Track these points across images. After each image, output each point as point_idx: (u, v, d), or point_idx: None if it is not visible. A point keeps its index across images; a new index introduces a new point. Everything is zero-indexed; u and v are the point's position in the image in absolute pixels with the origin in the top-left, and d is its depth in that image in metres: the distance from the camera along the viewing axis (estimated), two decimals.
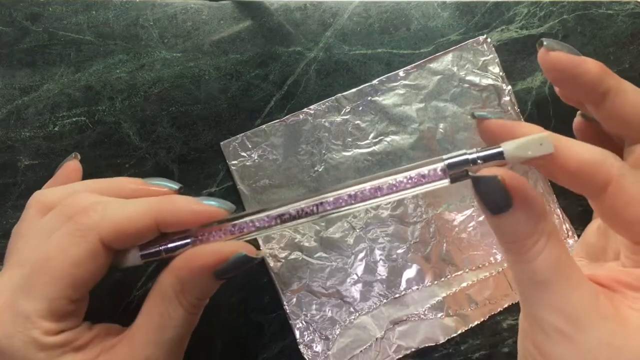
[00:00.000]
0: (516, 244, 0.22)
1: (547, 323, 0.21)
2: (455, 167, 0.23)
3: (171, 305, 0.24)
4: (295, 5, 0.37)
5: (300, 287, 0.34)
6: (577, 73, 0.24)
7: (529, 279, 0.22)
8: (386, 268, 0.35)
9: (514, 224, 0.22)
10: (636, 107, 0.25)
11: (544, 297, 0.21)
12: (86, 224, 0.24)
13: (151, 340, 0.24)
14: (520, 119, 0.36)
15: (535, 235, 0.21)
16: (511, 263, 0.23)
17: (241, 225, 0.25)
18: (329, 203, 0.24)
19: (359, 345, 0.34)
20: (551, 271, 0.21)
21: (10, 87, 0.36)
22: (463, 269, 0.35)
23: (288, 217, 0.25)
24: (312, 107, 0.36)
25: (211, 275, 0.24)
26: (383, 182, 0.24)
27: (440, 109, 0.36)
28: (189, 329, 0.26)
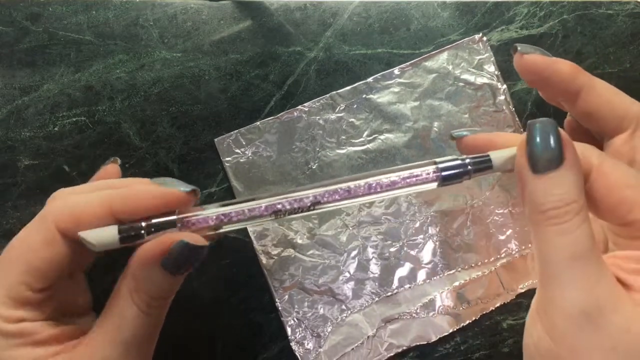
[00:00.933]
0: (561, 209, 0.21)
1: (574, 304, 0.20)
2: (446, 170, 0.24)
3: (125, 304, 0.23)
4: (295, 5, 0.37)
5: (293, 284, 0.34)
6: (550, 73, 0.26)
7: (566, 254, 0.20)
8: (379, 266, 0.35)
9: (563, 184, 0.21)
10: (608, 103, 0.26)
11: (576, 275, 0.20)
12: (45, 210, 0.24)
13: (108, 341, 0.23)
14: (515, 117, 0.36)
15: (580, 202, 0.21)
16: (546, 236, 0.21)
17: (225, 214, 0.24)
18: (322, 196, 0.24)
19: (350, 343, 0.34)
20: (590, 246, 0.20)
21: (10, 87, 0.36)
22: (455, 268, 0.35)
23: (281, 209, 0.24)
24: (307, 105, 0.36)
25: (160, 269, 0.23)
26: (377, 179, 0.24)
27: (435, 107, 0.36)
28: (148, 329, 0.24)
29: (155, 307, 0.24)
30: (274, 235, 0.35)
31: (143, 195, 0.24)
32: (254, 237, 0.35)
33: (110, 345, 0.23)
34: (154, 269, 0.23)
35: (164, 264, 0.23)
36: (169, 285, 0.24)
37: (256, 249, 0.35)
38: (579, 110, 0.27)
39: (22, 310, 0.23)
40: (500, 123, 0.36)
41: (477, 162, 0.24)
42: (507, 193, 0.35)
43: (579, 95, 0.26)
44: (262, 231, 0.35)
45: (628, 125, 0.26)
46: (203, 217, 0.24)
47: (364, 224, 0.35)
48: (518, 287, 0.35)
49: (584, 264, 0.20)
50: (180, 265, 0.23)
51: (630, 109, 0.26)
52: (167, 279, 0.23)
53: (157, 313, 0.24)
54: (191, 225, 0.24)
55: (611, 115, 0.26)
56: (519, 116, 0.36)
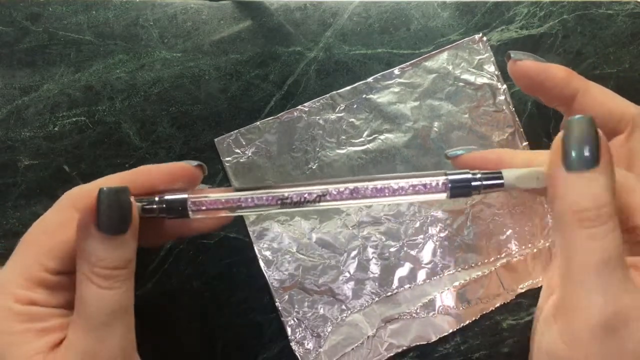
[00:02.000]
0: (594, 211, 0.20)
1: (596, 312, 0.20)
2: (456, 183, 0.24)
3: (83, 286, 0.23)
4: (295, 5, 0.37)
5: (293, 284, 0.34)
6: (544, 78, 0.26)
7: (595, 259, 0.20)
8: (379, 266, 0.35)
9: (599, 184, 0.20)
10: (603, 106, 0.26)
11: (602, 282, 0.20)
12: (64, 195, 0.25)
13: (80, 331, 0.23)
14: (515, 117, 0.36)
15: (613, 206, 0.20)
16: (576, 239, 0.20)
17: (237, 198, 0.25)
18: (331, 194, 0.25)
19: (350, 343, 0.34)
20: (619, 254, 0.20)
21: (10, 87, 0.36)
22: (455, 268, 0.35)
23: (289, 202, 0.25)
24: (307, 105, 0.36)
25: (99, 234, 0.22)
26: (385, 184, 0.25)
27: (435, 107, 0.36)
28: (115, 305, 0.23)
29: (114, 280, 0.23)
30: (273, 235, 0.35)
31: (153, 169, 0.26)
32: (253, 236, 0.35)
33: (84, 335, 0.22)
34: (94, 236, 0.22)
35: (99, 226, 0.22)
36: (117, 251, 0.23)
37: (256, 248, 0.35)
38: (574, 114, 0.27)
39: (35, 292, 0.23)
40: (500, 123, 0.36)
41: (489, 178, 0.24)
42: (507, 193, 0.35)
43: (574, 99, 0.26)
44: (262, 231, 0.35)
45: (624, 128, 0.26)
46: (213, 199, 0.25)
47: (364, 224, 0.35)
48: (518, 287, 0.35)
49: (613, 271, 0.20)
50: (111, 218, 0.22)
51: (626, 112, 0.26)
52: (111, 243, 0.23)
53: (119, 286, 0.23)
54: (201, 207, 0.25)
55: (607, 118, 0.26)
56: (519, 116, 0.36)
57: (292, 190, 0.25)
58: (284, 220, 0.35)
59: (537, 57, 0.27)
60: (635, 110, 0.26)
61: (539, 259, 0.35)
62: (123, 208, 0.23)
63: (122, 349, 0.23)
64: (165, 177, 0.26)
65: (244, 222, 0.35)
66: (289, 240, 0.35)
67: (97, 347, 0.22)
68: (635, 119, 0.26)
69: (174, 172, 0.26)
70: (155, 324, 0.34)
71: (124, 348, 0.23)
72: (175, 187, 0.26)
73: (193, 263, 0.35)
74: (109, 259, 0.23)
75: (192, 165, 0.27)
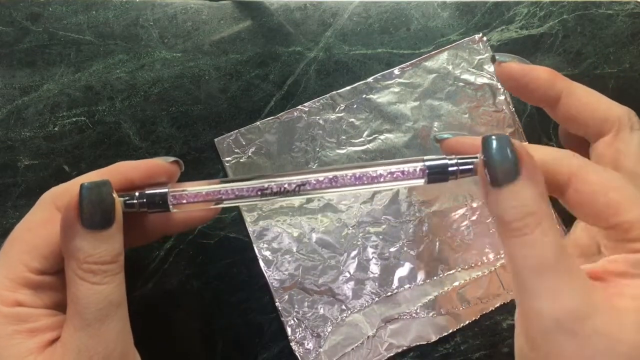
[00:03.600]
0: (521, 221, 0.21)
1: (546, 314, 0.20)
2: (434, 169, 0.25)
3: (73, 284, 0.22)
4: (295, 5, 0.37)
5: (293, 284, 0.34)
6: (529, 80, 0.27)
7: (530, 265, 0.21)
8: (379, 266, 0.35)
9: (521, 196, 0.21)
10: (587, 107, 0.26)
11: (545, 286, 0.20)
12: (44, 194, 0.25)
13: (73, 329, 0.22)
14: (515, 117, 0.36)
15: (541, 213, 0.21)
16: (511, 249, 0.21)
17: (217, 191, 0.25)
18: (310, 184, 0.25)
19: (350, 343, 0.34)
20: (556, 256, 0.21)
21: (10, 87, 0.36)
22: (455, 268, 0.35)
23: (269, 192, 0.25)
24: (307, 105, 0.36)
25: (83, 230, 0.22)
26: (364, 172, 0.25)
27: (434, 107, 0.36)
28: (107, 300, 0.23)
29: (104, 275, 0.23)
30: (273, 235, 0.35)
31: (130, 166, 0.26)
32: (253, 236, 0.35)
33: (78, 332, 0.22)
34: (79, 233, 0.22)
35: (83, 222, 0.22)
36: (104, 246, 0.23)
37: (256, 248, 0.35)
38: (560, 115, 0.27)
39: (20, 293, 0.23)
40: (500, 123, 0.36)
41: (465, 163, 0.24)
42: None
43: (559, 100, 0.27)
44: (262, 231, 0.35)
45: (610, 128, 0.26)
46: (193, 192, 0.25)
47: (364, 224, 0.35)
48: None
49: (552, 274, 0.20)
50: (95, 213, 0.22)
51: (611, 112, 0.26)
52: (97, 238, 0.23)
53: (109, 280, 0.23)
54: (182, 200, 0.25)
55: (592, 119, 0.26)
56: (519, 116, 0.36)
57: (272, 180, 0.25)
58: (283, 220, 0.35)
59: (522, 59, 0.28)
60: (621, 111, 0.26)
61: None
62: (105, 201, 0.23)
63: (118, 343, 0.23)
64: (142, 174, 0.26)
65: (243, 222, 0.35)
66: (289, 240, 0.35)
67: (93, 343, 0.22)
68: (620, 119, 0.26)
69: (151, 168, 0.26)
70: (155, 324, 0.34)
71: (120, 342, 0.23)
72: (152, 184, 0.26)
73: (193, 263, 0.35)
74: (96, 254, 0.22)
75: (168, 162, 0.27)
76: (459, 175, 0.25)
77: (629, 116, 0.26)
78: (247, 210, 0.35)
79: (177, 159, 0.28)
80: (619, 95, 0.28)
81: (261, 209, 0.35)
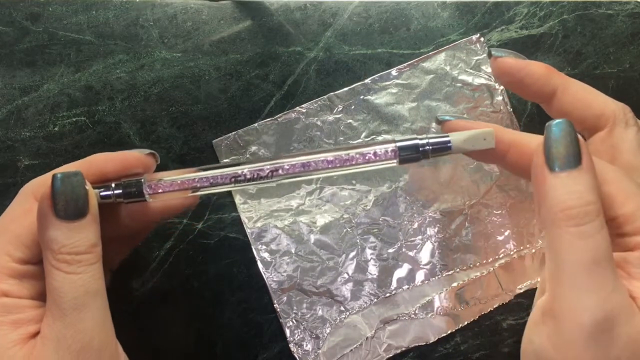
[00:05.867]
0: (580, 208, 0.20)
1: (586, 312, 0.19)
2: (405, 150, 0.25)
3: (50, 274, 0.23)
4: (295, 5, 0.37)
5: (291, 285, 0.34)
6: (524, 75, 0.27)
7: (585, 259, 0.20)
8: (377, 267, 0.35)
9: (583, 183, 0.20)
10: (583, 102, 0.27)
11: (593, 282, 0.19)
12: (25, 186, 0.26)
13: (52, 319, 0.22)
14: (513, 117, 0.36)
15: (599, 204, 0.20)
16: (564, 238, 0.20)
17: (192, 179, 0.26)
18: (283, 169, 0.26)
19: (349, 344, 0.34)
20: (608, 252, 0.20)
21: (10, 87, 0.36)
22: (454, 268, 0.35)
23: (243, 178, 0.25)
24: (304, 106, 0.36)
25: (56, 219, 0.22)
26: (336, 155, 0.25)
27: (432, 108, 0.36)
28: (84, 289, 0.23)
29: (78, 265, 0.23)
30: (272, 236, 0.35)
31: (106, 157, 0.26)
32: (252, 238, 0.35)
33: (56, 322, 0.22)
34: (53, 223, 0.23)
35: (56, 212, 0.23)
36: (77, 236, 0.23)
37: (254, 250, 0.35)
38: (556, 111, 0.28)
39: (6, 283, 0.23)
40: (498, 123, 0.36)
41: (436, 142, 0.25)
42: (505, 193, 0.35)
43: (555, 95, 0.27)
44: (260, 232, 0.35)
45: (605, 123, 0.26)
46: (169, 181, 0.26)
47: (362, 225, 0.35)
48: (516, 287, 0.35)
49: (603, 270, 0.20)
50: (67, 203, 0.23)
51: (606, 107, 0.26)
52: (70, 228, 0.23)
53: (84, 270, 0.23)
54: (158, 189, 0.26)
55: (587, 114, 0.27)
56: (519, 116, 0.36)
57: (245, 167, 0.26)
58: (282, 221, 0.35)
59: (518, 55, 0.28)
60: (615, 106, 0.26)
61: (537, 259, 0.35)
62: (77, 191, 0.23)
63: (97, 333, 0.23)
64: (117, 165, 0.26)
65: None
66: (287, 241, 0.35)
67: (70, 333, 0.22)
68: (615, 114, 0.26)
69: (126, 160, 0.27)
70: (155, 324, 0.34)
71: (98, 332, 0.23)
72: (128, 175, 0.26)
73: (193, 263, 0.35)
74: (70, 244, 0.23)
75: (144, 154, 0.27)
76: (432, 155, 0.25)
77: (624, 112, 0.26)
78: (245, 211, 0.35)
79: (153, 152, 0.28)
80: (619, 95, 0.28)
81: (260, 210, 0.35)
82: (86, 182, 0.24)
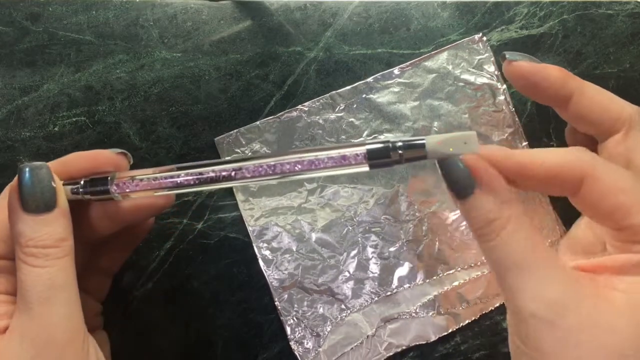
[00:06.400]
0: (486, 228, 0.22)
1: (527, 312, 0.21)
2: (375, 153, 0.23)
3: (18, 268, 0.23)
4: (295, 5, 0.37)
5: (292, 283, 0.34)
6: (539, 79, 0.27)
7: (505, 266, 0.21)
8: (378, 266, 0.35)
9: (480, 206, 0.22)
10: (599, 106, 0.26)
11: (521, 284, 0.21)
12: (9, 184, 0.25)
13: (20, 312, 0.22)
14: (515, 117, 0.36)
15: (503, 218, 0.21)
16: (486, 253, 0.22)
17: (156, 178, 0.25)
18: (248, 170, 0.24)
19: (349, 342, 0.34)
20: (526, 254, 0.21)
21: (10, 87, 0.36)
22: (455, 267, 0.35)
23: (207, 178, 0.25)
24: (306, 104, 0.36)
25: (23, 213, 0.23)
26: (304, 157, 0.24)
27: (434, 107, 0.36)
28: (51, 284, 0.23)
29: (45, 259, 0.23)
30: (273, 234, 0.35)
31: (78, 156, 0.26)
32: (253, 236, 0.35)
33: (22, 316, 0.22)
34: (20, 217, 0.23)
35: (22, 205, 0.23)
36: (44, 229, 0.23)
37: (255, 248, 0.35)
38: (571, 115, 0.27)
39: None
40: (500, 123, 0.36)
41: (409, 147, 0.23)
42: None
43: (570, 99, 0.27)
44: (262, 230, 0.35)
45: (621, 127, 0.26)
46: (135, 180, 0.25)
47: (364, 224, 0.35)
48: None
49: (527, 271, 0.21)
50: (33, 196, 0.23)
51: (622, 111, 0.26)
52: (37, 222, 0.23)
53: (51, 264, 0.23)
54: (125, 188, 0.25)
55: (604, 118, 0.26)
56: (519, 116, 0.36)
57: (210, 168, 0.25)
58: (283, 219, 0.35)
59: (532, 58, 0.27)
60: (632, 110, 0.26)
61: None
62: (44, 184, 0.23)
63: (63, 328, 0.23)
64: (87, 164, 0.26)
65: (243, 222, 0.35)
66: (288, 239, 0.35)
67: (34, 327, 0.22)
68: (632, 118, 0.26)
69: (97, 158, 0.26)
70: (155, 324, 0.34)
71: (64, 327, 0.23)
72: (98, 172, 0.26)
73: (193, 263, 0.35)
74: (36, 237, 0.23)
75: (115, 153, 0.27)
76: (405, 160, 0.23)
77: (639, 115, 0.26)
78: (246, 209, 0.35)
79: (125, 152, 0.28)
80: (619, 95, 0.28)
81: (261, 209, 0.35)
82: (54, 176, 0.24)
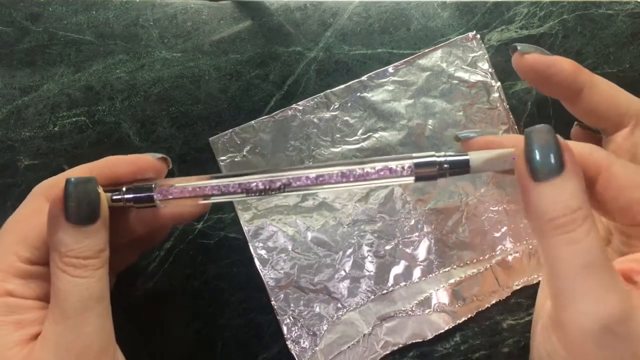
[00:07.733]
0: (567, 217, 0.20)
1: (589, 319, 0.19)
2: (422, 167, 0.24)
3: (56, 277, 0.23)
4: (295, 5, 0.37)
5: (288, 282, 0.34)
6: (551, 72, 0.26)
7: (578, 265, 0.19)
8: (374, 264, 0.35)
9: (567, 190, 0.20)
10: (610, 100, 0.26)
11: (591, 287, 0.19)
12: (36, 187, 0.26)
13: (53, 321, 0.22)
14: (509, 114, 0.36)
15: (586, 208, 0.20)
16: (555, 247, 0.20)
17: (203, 187, 0.25)
18: (296, 181, 0.25)
19: (346, 341, 0.34)
20: (601, 256, 0.20)
21: (10, 87, 0.36)
22: (451, 265, 0.35)
23: (255, 189, 0.25)
24: (301, 103, 0.36)
25: (67, 224, 0.23)
26: (351, 169, 0.25)
27: (429, 105, 0.36)
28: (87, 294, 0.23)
29: (85, 269, 0.23)
30: (268, 233, 0.35)
31: (118, 161, 0.26)
32: (248, 235, 0.35)
33: (57, 325, 0.22)
34: (63, 227, 0.23)
35: (67, 216, 0.23)
36: (86, 241, 0.23)
37: (251, 247, 0.35)
38: (581, 108, 0.27)
39: (11, 283, 0.23)
40: (495, 120, 0.36)
41: (455, 162, 0.24)
42: (502, 190, 0.35)
43: (581, 93, 0.26)
44: (257, 230, 0.35)
45: (629, 122, 0.26)
46: (180, 187, 0.25)
47: (359, 222, 0.35)
48: (513, 284, 0.35)
49: (598, 273, 0.20)
50: (79, 208, 0.23)
51: (631, 106, 0.26)
52: (80, 233, 0.23)
53: (90, 275, 0.23)
54: (168, 195, 0.25)
55: (612, 113, 0.26)
56: (519, 116, 0.36)
57: (257, 177, 0.25)
58: (279, 219, 0.35)
59: (543, 50, 0.27)
60: (639, 106, 0.26)
61: (534, 256, 0.35)
62: (90, 198, 0.23)
63: (97, 338, 0.23)
64: (129, 169, 0.26)
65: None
66: (284, 239, 0.35)
67: (70, 336, 0.22)
68: (639, 113, 0.26)
69: (138, 163, 0.26)
70: (155, 324, 0.34)
71: (98, 338, 0.23)
72: (139, 179, 0.26)
73: (193, 263, 0.35)
74: (78, 248, 0.23)
75: (156, 158, 0.27)
76: (449, 174, 0.24)
77: None
78: (242, 209, 0.35)
79: (165, 156, 0.28)
80: None
81: (256, 208, 0.35)
82: (99, 188, 0.24)
